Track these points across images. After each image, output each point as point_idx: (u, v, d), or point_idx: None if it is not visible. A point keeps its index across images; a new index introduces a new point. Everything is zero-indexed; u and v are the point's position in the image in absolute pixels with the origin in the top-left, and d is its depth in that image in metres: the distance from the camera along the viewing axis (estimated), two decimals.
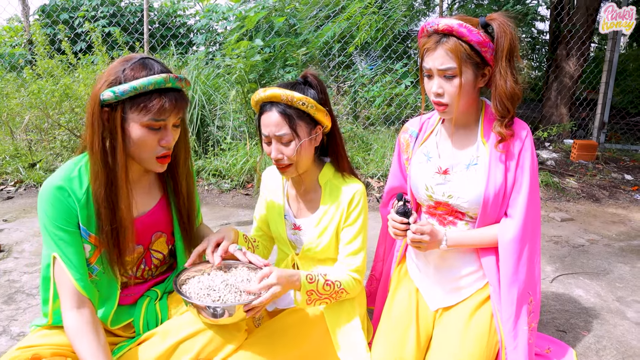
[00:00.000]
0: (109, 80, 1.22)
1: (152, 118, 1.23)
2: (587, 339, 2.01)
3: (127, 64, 1.24)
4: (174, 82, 1.25)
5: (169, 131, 1.29)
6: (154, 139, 1.27)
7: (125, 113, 1.23)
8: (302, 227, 1.63)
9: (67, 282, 1.25)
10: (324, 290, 1.46)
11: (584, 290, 2.46)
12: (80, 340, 1.23)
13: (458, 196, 1.54)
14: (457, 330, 1.53)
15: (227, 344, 1.34)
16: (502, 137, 1.48)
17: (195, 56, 5.44)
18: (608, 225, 3.60)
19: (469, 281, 1.61)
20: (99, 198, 1.27)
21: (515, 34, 1.43)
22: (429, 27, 1.45)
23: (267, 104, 1.49)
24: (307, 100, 1.47)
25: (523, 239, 1.50)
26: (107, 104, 1.23)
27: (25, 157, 4.52)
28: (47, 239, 1.27)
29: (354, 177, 1.63)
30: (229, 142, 4.52)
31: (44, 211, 1.26)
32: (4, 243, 2.92)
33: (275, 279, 1.32)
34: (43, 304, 1.33)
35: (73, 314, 1.25)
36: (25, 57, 6.46)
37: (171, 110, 1.25)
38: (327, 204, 1.58)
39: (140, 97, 1.21)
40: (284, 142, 1.47)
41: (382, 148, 4.62)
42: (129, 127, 1.25)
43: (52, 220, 1.25)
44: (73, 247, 1.27)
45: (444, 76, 1.43)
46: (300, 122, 1.48)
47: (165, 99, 1.23)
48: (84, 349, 1.22)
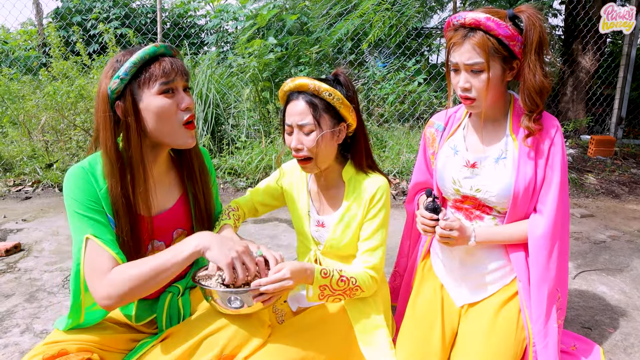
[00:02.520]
0: (109, 75, 1.26)
1: (161, 82, 1.26)
2: (613, 336, 1.98)
3: (116, 58, 1.29)
4: (165, 48, 1.30)
5: (182, 94, 1.32)
6: (173, 105, 1.29)
7: (135, 94, 1.26)
8: (325, 223, 1.61)
9: (106, 257, 1.22)
10: (337, 286, 1.44)
11: (607, 286, 2.42)
12: (130, 266, 1.22)
13: (486, 190, 1.52)
14: (483, 327, 1.51)
15: (252, 338, 1.32)
16: (530, 132, 1.46)
17: (208, 56, 5.46)
18: (629, 221, 3.54)
19: (495, 277, 1.58)
20: (115, 195, 1.27)
21: (545, 27, 1.40)
22: (455, 21, 1.42)
23: (294, 93, 1.49)
24: (334, 93, 1.45)
25: (554, 236, 1.48)
26: (117, 96, 1.26)
27: (42, 158, 4.56)
28: (78, 223, 1.24)
29: (379, 173, 1.61)
30: (243, 141, 4.52)
31: (72, 194, 1.25)
32: (24, 242, 2.95)
33: (289, 273, 1.30)
34: (74, 301, 1.29)
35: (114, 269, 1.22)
36: (40, 59, 6.54)
37: (175, 70, 1.28)
38: (350, 200, 1.57)
39: (141, 72, 1.25)
40: (306, 132, 1.46)
41: (398, 145, 4.60)
42: (144, 106, 1.27)
43: (80, 202, 1.25)
44: (106, 227, 1.26)
45: (471, 71, 1.41)
46: (325, 115, 1.47)
47: (165, 61, 1.27)
48: (137, 264, 1.22)
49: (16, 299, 2.24)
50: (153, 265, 1.21)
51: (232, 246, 1.24)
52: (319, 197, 1.65)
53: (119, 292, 1.19)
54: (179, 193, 1.47)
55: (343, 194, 1.59)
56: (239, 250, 1.24)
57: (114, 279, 1.20)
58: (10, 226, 3.27)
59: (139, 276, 1.20)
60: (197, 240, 1.24)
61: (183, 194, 1.48)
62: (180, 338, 1.32)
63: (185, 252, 1.22)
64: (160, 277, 1.21)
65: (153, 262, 1.22)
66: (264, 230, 3.19)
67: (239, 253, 1.24)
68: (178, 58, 1.34)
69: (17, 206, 3.75)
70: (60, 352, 1.19)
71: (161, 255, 1.23)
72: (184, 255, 1.22)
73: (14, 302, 2.20)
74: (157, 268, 1.21)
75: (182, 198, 1.47)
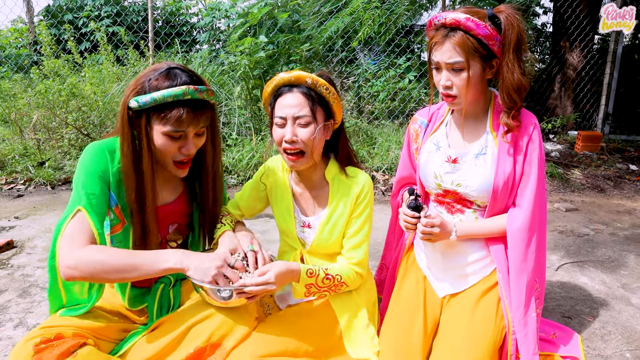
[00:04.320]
0: (136, 89, 1.30)
1: (171, 129, 1.30)
2: (592, 324, 2.04)
3: (154, 73, 1.30)
4: (193, 94, 1.29)
5: (189, 140, 1.35)
6: (175, 147, 1.34)
7: (149, 121, 1.31)
8: (311, 224, 1.62)
9: (87, 232, 1.26)
10: (323, 283, 1.48)
11: (588, 278, 2.49)
12: (103, 251, 1.25)
13: (467, 185, 1.57)
14: (464, 316, 1.56)
15: (238, 327, 1.37)
16: (509, 128, 1.51)
17: (199, 54, 5.47)
18: (613, 215, 3.62)
19: (475, 268, 1.64)
20: (131, 183, 1.33)
21: (523, 27, 1.44)
22: (436, 21, 1.46)
23: (287, 86, 1.49)
24: (330, 88, 1.48)
25: (532, 228, 1.53)
26: (135, 111, 1.30)
27: (34, 156, 4.57)
28: (78, 194, 1.29)
29: (360, 170, 1.63)
30: (234, 138, 4.56)
31: (84, 164, 1.31)
32: (17, 239, 2.97)
33: (273, 277, 1.34)
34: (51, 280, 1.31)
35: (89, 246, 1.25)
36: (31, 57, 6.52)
37: (189, 121, 1.31)
38: (335, 199, 1.58)
39: (161, 107, 1.28)
40: (302, 124, 1.45)
41: (387, 142, 4.65)
42: (152, 134, 1.33)
43: (89, 172, 1.30)
44: (101, 205, 1.31)
45: (452, 69, 1.46)
46: (319, 109, 1.48)
47: (183, 111, 1.28)
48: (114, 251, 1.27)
49: (9, 294, 2.27)
50: (128, 262, 1.25)
51: (210, 264, 1.29)
52: (303, 198, 1.65)
53: (82, 269, 1.22)
54: (180, 190, 1.53)
55: (327, 194, 1.60)
56: (217, 266, 1.30)
57: (83, 256, 1.22)
58: (3, 224, 3.29)
59: (110, 264, 1.23)
60: (177, 259, 1.28)
61: (184, 191, 1.54)
62: (169, 327, 1.37)
63: (164, 265, 1.27)
64: (129, 274, 1.26)
65: (129, 258, 1.26)
66: (254, 226, 3.23)
67: (218, 269, 1.29)
68: (210, 100, 1.36)
69: (9, 204, 3.76)
70: (57, 336, 1.24)
71: (139, 256, 1.27)
72: (162, 267, 1.27)
73: (7, 298, 2.23)
74: (130, 266, 1.25)
75: (183, 195, 1.53)
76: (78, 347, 1.22)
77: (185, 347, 1.31)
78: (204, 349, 1.32)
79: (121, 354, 1.35)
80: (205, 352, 1.32)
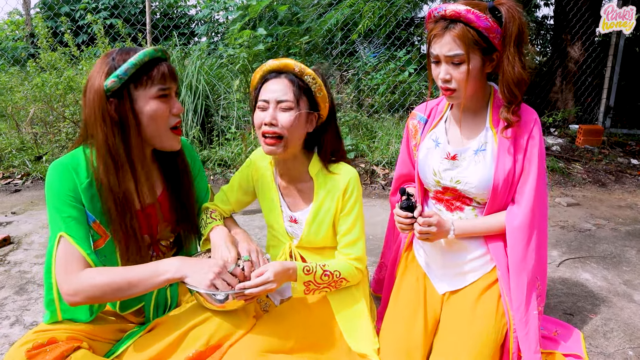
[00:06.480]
0: (105, 71, 1.26)
1: (159, 86, 1.29)
2: (594, 321, 2.03)
3: (111, 56, 1.29)
4: (162, 53, 1.33)
5: (175, 99, 1.36)
6: (166, 109, 1.32)
7: (132, 95, 1.28)
8: (298, 220, 1.61)
9: (77, 256, 1.25)
10: (321, 280, 1.48)
11: (590, 274, 2.47)
12: (101, 273, 1.25)
13: (466, 182, 1.54)
14: (465, 313, 1.54)
15: (236, 329, 1.36)
16: (509, 123, 1.48)
17: (198, 47, 5.42)
18: (614, 209, 3.60)
19: (475, 265, 1.62)
20: (111, 188, 1.28)
21: (524, 19, 1.41)
22: (436, 13, 1.43)
23: (274, 72, 1.49)
24: (317, 78, 1.47)
25: (531, 226, 1.51)
26: (113, 93, 1.25)
27: (31, 150, 4.54)
28: (55, 218, 1.26)
29: (346, 164, 1.59)
30: (233, 132, 4.52)
31: (51, 187, 1.27)
32: (13, 235, 2.95)
33: (272, 276, 1.34)
34: (47, 296, 1.30)
35: (86, 270, 1.25)
36: (28, 50, 6.47)
37: (171, 76, 1.33)
38: (321, 194, 1.56)
39: (140, 73, 1.27)
40: (284, 108, 1.45)
41: (387, 135, 4.62)
42: (139, 107, 1.29)
43: (59, 196, 1.26)
44: (81, 225, 1.28)
45: (451, 62, 1.43)
46: (304, 97, 1.48)
47: (164, 65, 1.31)
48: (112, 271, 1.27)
49: (6, 291, 2.25)
50: (127, 279, 1.25)
51: (208, 269, 1.29)
52: (288, 192, 1.64)
53: (83, 295, 1.23)
54: (162, 187, 1.49)
55: (312, 189, 1.58)
56: (215, 272, 1.29)
57: (81, 282, 1.23)
58: (0, 219, 3.26)
59: (110, 285, 1.24)
60: (175, 268, 1.28)
61: (165, 188, 1.50)
62: (167, 329, 1.34)
63: (163, 277, 1.27)
64: (131, 291, 1.26)
65: (128, 275, 1.25)
66: (252, 221, 3.21)
67: (216, 274, 1.29)
68: (164, 54, 1.37)
69: (6, 199, 3.74)
70: (50, 340, 1.22)
71: (138, 271, 1.27)
72: (162, 279, 1.27)
73: (3, 295, 2.21)
74: (130, 283, 1.25)
75: (165, 192, 1.50)
76: (72, 351, 1.20)
77: (184, 351, 1.30)
78: (204, 353, 1.31)
79: (118, 354, 1.33)
80: (205, 355, 1.31)
